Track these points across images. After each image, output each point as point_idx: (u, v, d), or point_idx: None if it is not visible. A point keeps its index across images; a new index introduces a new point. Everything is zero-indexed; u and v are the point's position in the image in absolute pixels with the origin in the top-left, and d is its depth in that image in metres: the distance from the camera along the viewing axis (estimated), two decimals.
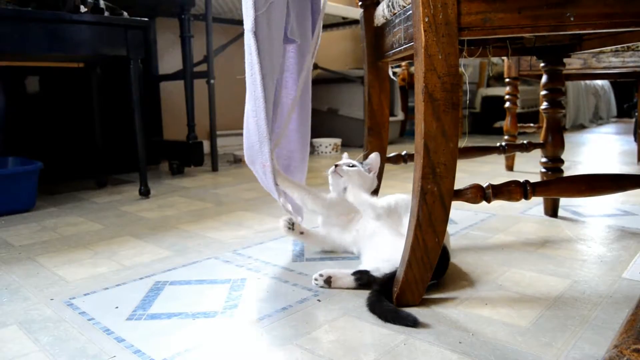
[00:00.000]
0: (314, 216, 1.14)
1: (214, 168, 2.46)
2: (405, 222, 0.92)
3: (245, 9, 0.93)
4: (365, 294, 0.88)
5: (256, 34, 0.91)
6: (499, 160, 2.49)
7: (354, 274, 0.92)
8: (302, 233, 1.10)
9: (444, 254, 0.89)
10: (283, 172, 1.05)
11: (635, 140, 2.89)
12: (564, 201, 1.49)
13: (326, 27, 3.36)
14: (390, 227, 0.99)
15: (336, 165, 1.08)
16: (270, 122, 0.97)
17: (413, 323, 0.76)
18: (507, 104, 2.26)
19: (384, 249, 0.95)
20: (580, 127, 4.89)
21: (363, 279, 0.91)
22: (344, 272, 0.93)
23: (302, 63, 1.12)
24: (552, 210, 1.42)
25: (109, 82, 2.32)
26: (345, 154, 1.16)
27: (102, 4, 1.67)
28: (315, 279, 0.93)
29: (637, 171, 2.22)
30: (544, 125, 1.38)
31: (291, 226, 1.08)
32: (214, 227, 1.37)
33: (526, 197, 0.86)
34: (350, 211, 1.06)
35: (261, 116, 0.95)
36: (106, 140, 2.10)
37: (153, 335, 0.75)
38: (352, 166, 1.08)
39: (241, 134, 1.03)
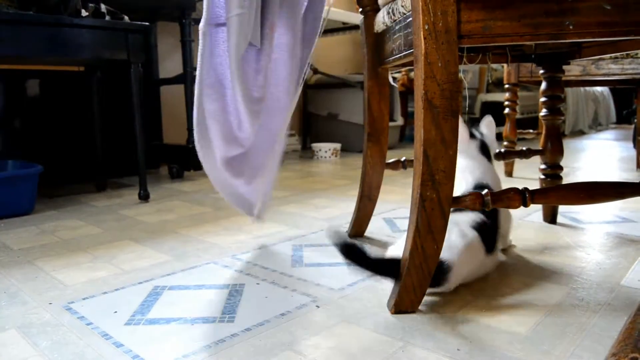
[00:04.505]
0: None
1: None
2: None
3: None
4: (362, 301, 0.88)
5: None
6: (498, 166, 2.49)
7: None
8: None
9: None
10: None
11: (634, 146, 2.89)
12: (563, 207, 1.50)
13: (326, 32, 3.37)
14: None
15: None
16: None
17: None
18: (507, 110, 2.27)
19: None
20: (580, 133, 4.90)
21: None
22: None
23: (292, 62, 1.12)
24: (551, 216, 1.42)
25: (110, 86, 2.32)
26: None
27: (103, 8, 1.68)
28: None
29: (636, 177, 2.22)
30: (543, 132, 1.38)
31: None
32: (213, 232, 1.37)
33: (525, 205, 0.86)
34: None
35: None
36: (106, 144, 2.10)
37: (151, 340, 0.75)
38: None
39: None
